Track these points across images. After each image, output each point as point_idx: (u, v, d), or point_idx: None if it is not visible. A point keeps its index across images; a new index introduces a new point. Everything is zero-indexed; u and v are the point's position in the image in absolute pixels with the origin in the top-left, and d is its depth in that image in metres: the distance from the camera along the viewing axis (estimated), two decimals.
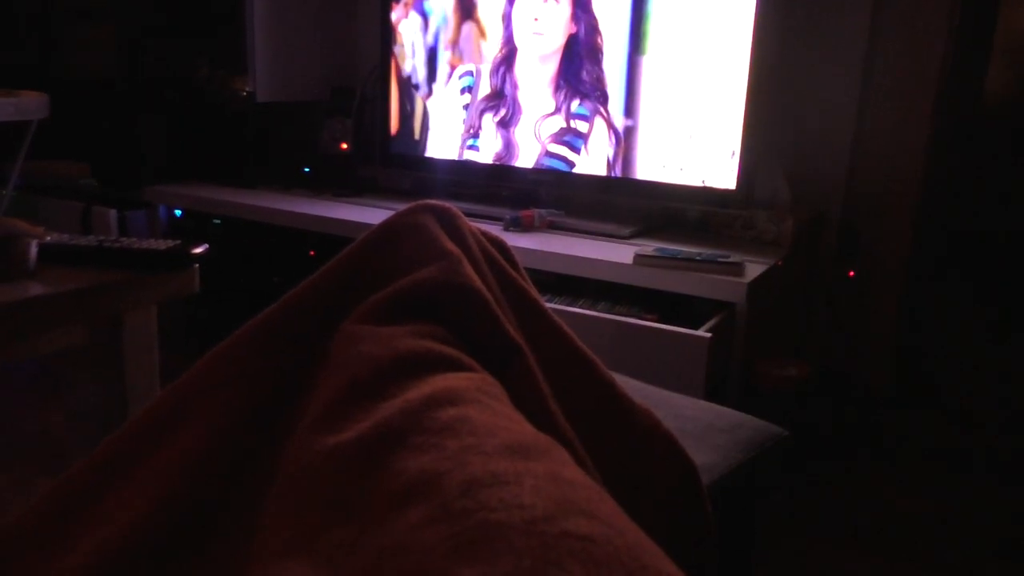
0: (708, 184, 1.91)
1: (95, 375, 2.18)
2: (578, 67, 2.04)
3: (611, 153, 2.04)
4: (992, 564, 1.62)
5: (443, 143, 2.31)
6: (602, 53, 2.00)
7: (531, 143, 2.15)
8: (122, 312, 1.01)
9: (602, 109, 2.03)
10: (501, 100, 2.15)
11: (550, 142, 2.12)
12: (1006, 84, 2.28)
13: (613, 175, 2.04)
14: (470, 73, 2.21)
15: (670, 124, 1.94)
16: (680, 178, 1.95)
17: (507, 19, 2.11)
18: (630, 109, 1.99)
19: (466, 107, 2.22)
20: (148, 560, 0.52)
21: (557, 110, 2.09)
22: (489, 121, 2.20)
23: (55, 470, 1.78)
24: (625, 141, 2.01)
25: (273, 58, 2.48)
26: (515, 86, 2.12)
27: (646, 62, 1.95)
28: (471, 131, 2.22)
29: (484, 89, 2.19)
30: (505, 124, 2.17)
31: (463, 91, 2.23)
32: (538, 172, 2.16)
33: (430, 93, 2.31)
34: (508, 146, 2.18)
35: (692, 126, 1.91)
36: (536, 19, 2.03)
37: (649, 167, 1.99)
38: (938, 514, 1.78)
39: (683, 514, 0.70)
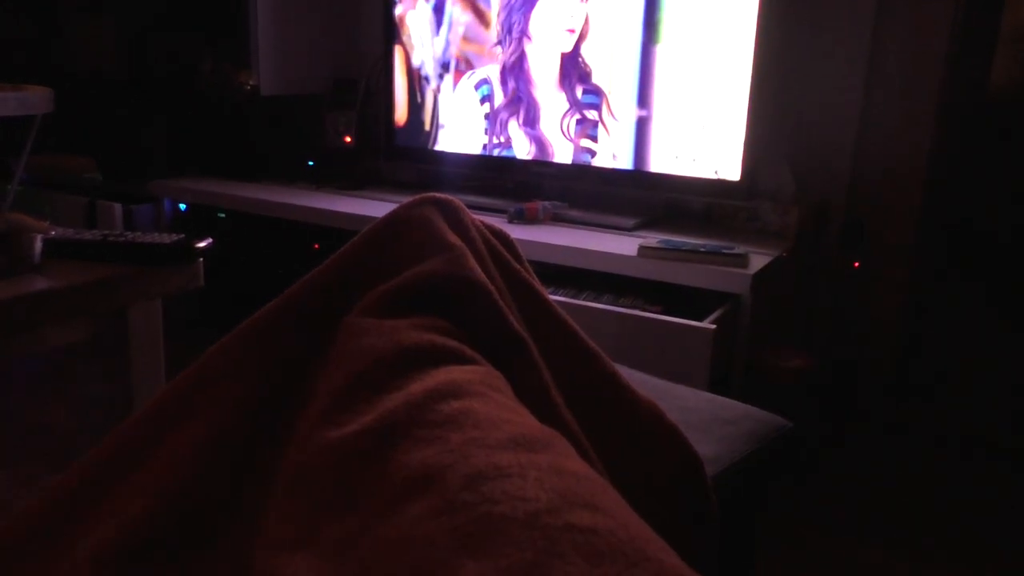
0: (712, 175, 1.90)
1: (100, 369, 2.19)
2: (583, 62, 2.03)
3: (615, 146, 2.03)
4: (993, 557, 1.62)
5: (448, 136, 2.31)
6: (607, 48, 1.99)
7: (539, 138, 2.14)
8: (127, 306, 1.01)
9: (603, 102, 2.02)
10: (519, 101, 2.15)
11: (556, 136, 2.11)
12: (1012, 75, 2.27)
13: (617, 168, 2.04)
14: (486, 81, 2.20)
15: (673, 116, 1.93)
16: (684, 169, 1.94)
17: (525, 17, 2.09)
18: (634, 102, 1.98)
19: (487, 116, 2.22)
20: (155, 553, 0.53)
21: (568, 103, 2.08)
22: (507, 121, 2.19)
23: (61, 465, 1.79)
24: (628, 134, 2.01)
25: (277, 51, 2.48)
26: (529, 84, 2.12)
27: (648, 54, 1.94)
28: (497, 135, 2.21)
29: (499, 91, 2.18)
30: (523, 123, 2.17)
31: (482, 101, 2.21)
32: (541, 164, 2.15)
33: (436, 87, 2.30)
34: (527, 143, 2.18)
35: (695, 118, 1.90)
36: (572, 16, 2.02)
37: (653, 159, 1.98)
38: (939, 505, 1.78)
39: (687, 505, 0.70)
